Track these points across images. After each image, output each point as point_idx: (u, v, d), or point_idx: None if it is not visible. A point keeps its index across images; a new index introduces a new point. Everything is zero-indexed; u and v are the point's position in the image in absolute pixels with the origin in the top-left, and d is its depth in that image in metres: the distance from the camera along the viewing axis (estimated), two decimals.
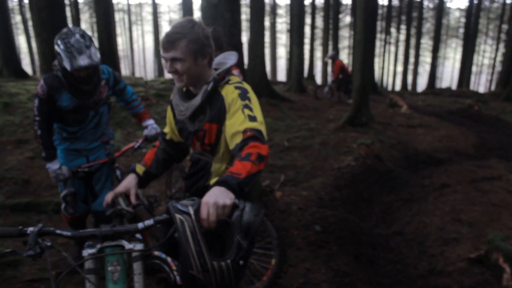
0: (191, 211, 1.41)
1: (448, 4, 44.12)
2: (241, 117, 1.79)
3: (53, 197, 5.10)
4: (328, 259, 3.94)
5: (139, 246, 1.50)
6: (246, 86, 1.96)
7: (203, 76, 1.95)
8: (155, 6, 38.91)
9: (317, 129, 9.57)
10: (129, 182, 2.06)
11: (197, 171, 2.14)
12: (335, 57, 14.17)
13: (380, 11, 32.37)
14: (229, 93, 1.89)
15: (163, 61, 1.89)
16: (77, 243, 3.48)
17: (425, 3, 34.85)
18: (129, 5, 44.97)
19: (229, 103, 1.87)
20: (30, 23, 28.72)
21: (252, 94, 1.92)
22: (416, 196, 6.04)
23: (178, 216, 1.40)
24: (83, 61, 2.77)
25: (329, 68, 15.95)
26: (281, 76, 41.91)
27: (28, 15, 29.29)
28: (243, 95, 1.87)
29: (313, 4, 28.42)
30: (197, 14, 38.34)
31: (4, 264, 3.60)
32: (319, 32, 34.58)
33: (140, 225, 1.48)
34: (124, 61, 44.38)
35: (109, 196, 1.94)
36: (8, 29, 15.12)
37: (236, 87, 1.91)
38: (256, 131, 1.74)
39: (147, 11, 48.18)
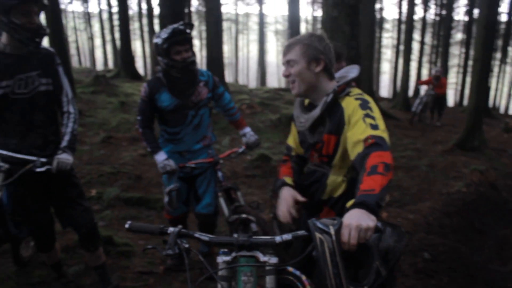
0: (332, 231, 1.35)
1: None
2: (363, 126, 1.75)
3: (162, 195, 5.35)
4: None
5: (273, 260, 1.47)
6: (367, 97, 1.92)
7: (320, 86, 1.95)
8: (261, 16, 39.95)
9: (424, 149, 9.10)
10: (292, 192, 2.01)
11: (311, 183, 2.11)
12: (441, 74, 12.57)
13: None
14: (350, 104, 1.87)
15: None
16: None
17: None
18: (237, 14, 46.67)
19: (349, 114, 1.85)
20: (145, 29, 31.03)
21: (373, 104, 1.87)
22: None
23: (318, 234, 1.36)
24: (176, 25, 3.01)
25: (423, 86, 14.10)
26: (384, 92, 40.64)
27: (144, 21, 31.62)
28: (364, 105, 1.84)
29: (423, 20, 27.22)
30: (303, 26, 38.65)
31: (120, 253, 3.85)
32: (427, 49, 33.01)
33: (278, 238, 1.45)
34: (228, 69, 45.94)
35: (288, 216, 1.92)
36: (128, 36, 16.46)
37: (357, 98, 1.89)
38: (378, 138, 1.69)
39: (254, 21, 49.51)
